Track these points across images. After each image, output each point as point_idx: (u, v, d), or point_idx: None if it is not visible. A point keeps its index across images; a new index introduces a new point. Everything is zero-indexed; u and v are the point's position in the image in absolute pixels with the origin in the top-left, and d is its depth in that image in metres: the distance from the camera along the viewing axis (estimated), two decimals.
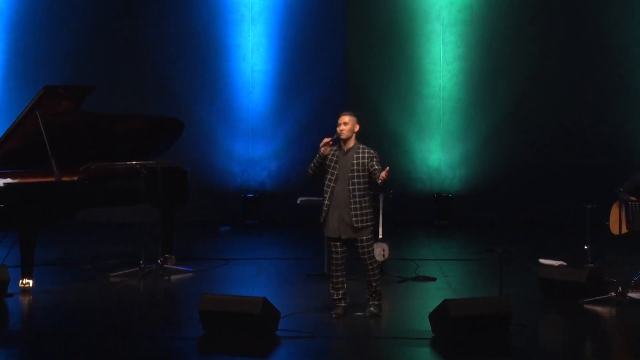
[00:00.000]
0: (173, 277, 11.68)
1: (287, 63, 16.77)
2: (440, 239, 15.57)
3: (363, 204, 9.35)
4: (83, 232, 14.75)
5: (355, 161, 9.37)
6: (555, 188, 16.39)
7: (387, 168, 9.22)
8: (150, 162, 12.04)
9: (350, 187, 9.33)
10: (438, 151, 16.64)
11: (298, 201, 11.91)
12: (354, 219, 9.32)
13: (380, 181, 9.22)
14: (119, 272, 11.77)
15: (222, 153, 16.78)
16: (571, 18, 16.51)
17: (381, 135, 16.04)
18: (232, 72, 16.77)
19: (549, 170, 16.49)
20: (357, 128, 9.45)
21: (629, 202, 10.31)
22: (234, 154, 16.80)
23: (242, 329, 8.84)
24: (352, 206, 9.31)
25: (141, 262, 11.76)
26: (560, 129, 16.53)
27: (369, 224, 9.42)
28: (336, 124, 9.45)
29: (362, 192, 9.34)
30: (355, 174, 9.34)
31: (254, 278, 11.85)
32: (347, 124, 9.38)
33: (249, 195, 16.80)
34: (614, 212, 10.83)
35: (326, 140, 9.34)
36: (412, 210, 16.34)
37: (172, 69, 16.58)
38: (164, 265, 11.89)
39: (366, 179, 9.35)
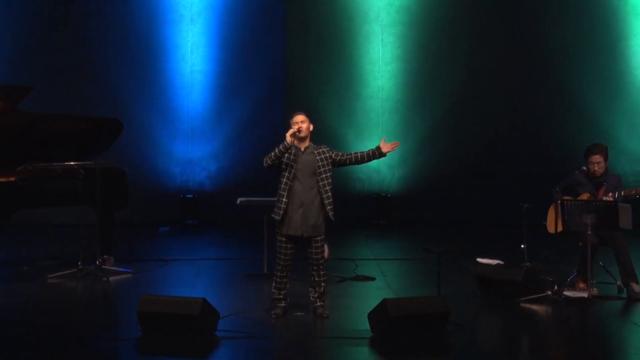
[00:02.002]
0: (111, 278, 11.61)
1: (226, 63, 16.76)
2: (379, 238, 15.64)
3: (332, 199, 9.43)
4: (20, 233, 14.60)
5: (319, 157, 9.44)
6: (493, 188, 16.55)
7: (397, 143, 9.67)
8: (88, 162, 11.96)
9: (321, 184, 9.39)
10: None
11: (237, 201, 11.90)
12: (330, 213, 9.41)
13: (385, 154, 9.59)
14: (56, 274, 11.68)
15: (161, 153, 16.72)
16: (508, 20, 16.69)
17: (320, 135, 15.95)
18: (171, 72, 16.71)
19: (486, 170, 16.65)
20: (312, 127, 9.51)
21: (565, 202, 10.43)
22: (173, 154, 16.75)
23: (181, 330, 8.81)
24: (327, 201, 9.40)
25: (79, 263, 11.68)
26: (497, 129, 16.69)
27: (324, 221, 9.52)
28: (291, 124, 9.42)
29: (331, 187, 9.44)
30: (322, 169, 9.41)
31: (193, 279, 11.82)
32: (304, 122, 9.44)
33: (188, 195, 16.76)
34: (551, 212, 10.96)
35: (293, 129, 9.34)
36: (351, 210, 16.40)
37: (111, 69, 16.49)
38: (102, 266, 11.83)
39: (330, 173, 9.42)
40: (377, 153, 9.59)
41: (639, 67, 16.69)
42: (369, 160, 9.64)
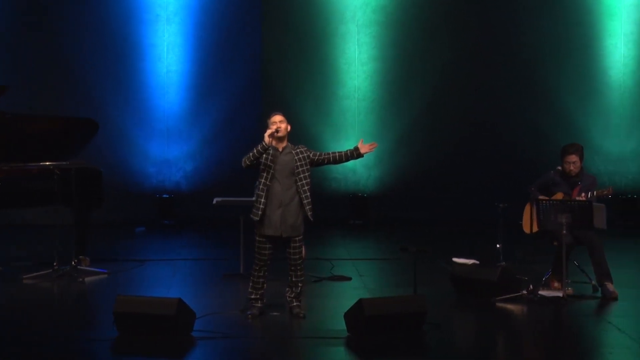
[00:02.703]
0: (87, 279, 11.57)
1: (203, 63, 16.74)
2: (356, 238, 15.66)
3: (310, 198, 9.46)
4: None
5: (297, 157, 9.46)
6: (469, 187, 16.61)
7: (376, 144, 9.75)
8: (64, 162, 11.92)
9: (299, 184, 9.41)
10: None
11: (214, 201, 11.89)
12: (309, 213, 9.44)
13: (362, 155, 9.64)
14: (32, 274, 11.63)
15: (137, 154, 16.68)
16: (483, 20, 16.75)
17: (296, 135, 15.93)
18: (147, 72, 16.68)
19: (462, 169, 16.70)
20: (289, 127, 9.52)
21: (540, 202, 10.48)
22: (149, 154, 16.72)
23: (157, 330, 8.80)
24: (305, 201, 9.43)
25: (55, 263, 11.64)
26: (472, 128, 16.75)
27: (302, 221, 9.56)
28: (269, 125, 9.43)
29: (309, 187, 9.45)
30: (300, 169, 9.43)
31: (169, 279, 11.80)
32: (282, 122, 9.46)
33: (164, 195, 16.73)
34: (526, 212, 11.00)
35: (271, 130, 9.35)
36: (328, 210, 16.40)
37: (87, 69, 16.44)
38: (78, 266, 11.78)
39: (309, 173, 9.43)
40: (355, 153, 9.63)
41: (613, 67, 16.78)
42: (347, 160, 9.68)
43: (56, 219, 11.89)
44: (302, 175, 9.44)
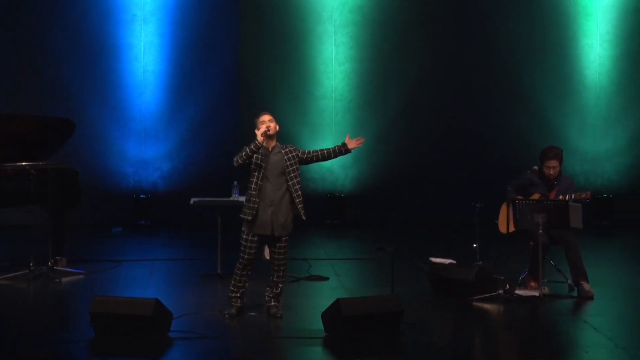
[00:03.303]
0: (64, 279, 11.54)
1: (180, 63, 16.70)
2: (333, 238, 15.67)
3: (302, 197, 9.50)
4: None
5: (286, 156, 9.48)
6: (446, 187, 16.64)
7: (363, 139, 9.82)
8: (40, 163, 11.88)
9: (290, 183, 9.43)
10: None
11: (191, 202, 11.88)
12: (302, 212, 9.49)
13: (350, 150, 9.68)
14: (8, 275, 11.59)
15: (114, 153, 16.63)
16: (459, 20, 16.79)
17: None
18: (124, 72, 16.63)
19: (439, 169, 16.74)
20: (277, 127, 9.53)
21: (516, 202, 10.51)
22: (126, 154, 16.67)
23: (134, 331, 8.78)
24: (297, 200, 9.48)
25: (31, 264, 11.59)
26: (449, 128, 16.78)
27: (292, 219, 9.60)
28: (258, 124, 9.43)
29: (300, 185, 9.51)
30: (291, 168, 9.46)
31: (146, 279, 11.78)
32: (271, 121, 9.47)
33: (141, 196, 16.69)
34: (503, 211, 11.04)
35: (264, 129, 9.35)
36: (305, 209, 16.37)
37: (63, 69, 16.37)
38: (55, 267, 11.74)
39: (300, 172, 9.49)
40: (343, 149, 9.69)
41: (589, 67, 16.85)
42: (335, 156, 9.74)
43: (32, 219, 11.85)
44: (292, 175, 9.48)
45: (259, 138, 9.33)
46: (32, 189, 11.58)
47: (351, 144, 9.70)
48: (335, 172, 16.91)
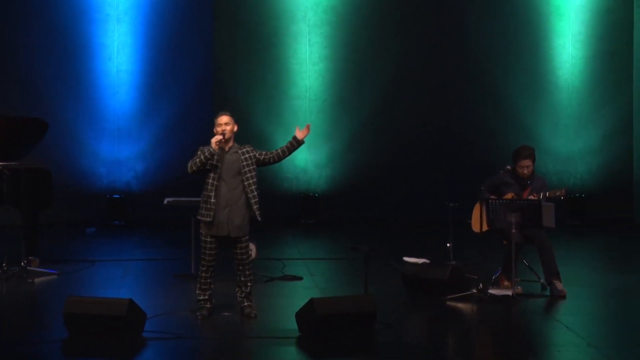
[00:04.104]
0: (37, 280, 11.49)
1: (153, 63, 16.67)
2: (307, 238, 15.67)
3: (258, 198, 9.45)
4: None
5: (243, 156, 9.44)
6: (419, 187, 16.68)
7: (309, 125, 9.77)
8: (13, 163, 11.83)
9: (246, 183, 9.40)
10: (304, 151, 16.74)
11: (165, 202, 11.86)
12: (257, 212, 9.42)
13: (301, 141, 9.61)
14: None
15: (87, 154, 16.58)
16: (434, 19, 16.83)
17: (248, 135, 15.95)
18: (97, 72, 16.58)
19: (413, 168, 16.77)
20: (236, 128, 9.50)
21: (489, 201, 10.54)
22: (100, 154, 16.62)
23: (108, 331, 8.76)
24: (253, 200, 9.41)
25: (4, 264, 11.55)
26: (423, 128, 16.83)
27: (248, 221, 9.56)
28: (215, 126, 9.43)
29: (256, 186, 9.47)
30: (247, 168, 9.42)
31: (120, 279, 11.75)
32: (228, 124, 9.44)
33: (115, 196, 16.64)
34: (476, 211, 11.07)
35: (219, 137, 9.32)
36: (279, 209, 16.41)
37: (36, 69, 16.31)
38: (27, 267, 11.70)
39: (256, 172, 9.45)
40: (295, 142, 9.62)
41: (561, 67, 16.93)
42: (290, 152, 9.65)
43: (5, 219, 11.80)
44: (248, 175, 9.43)
45: (214, 146, 9.29)
46: (4, 190, 11.53)
47: (300, 134, 9.65)
48: (309, 171, 16.92)
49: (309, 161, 16.87)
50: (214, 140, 9.30)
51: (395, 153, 16.84)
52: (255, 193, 9.47)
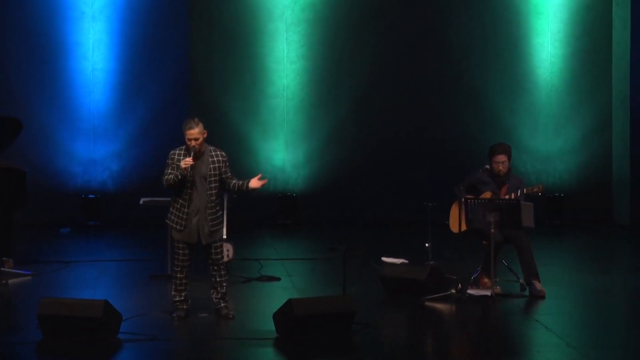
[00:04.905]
0: (10, 281, 11.40)
1: (129, 61, 16.55)
2: (284, 238, 15.63)
3: (218, 207, 9.45)
4: None
5: (212, 165, 9.37)
6: (397, 186, 16.63)
7: (265, 180, 9.50)
8: None
9: (209, 192, 9.32)
10: (282, 150, 16.68)
11: (141, 202, 11.79)
12: (210, 223, 9.33)
13: (251, 189, 9.43)
14: None
15: (62, 153, 16.46)
16: (412, 19, 16.79)
17: (225, 134, 15.96)
18: (72, 71, 16.45)
19: (391, 169, 16.73)
20: (205, 135, 9.41)
21: (468, 201, 10.50)
22: (75, 154, 16.50)
23: (83, 333, 8.70)
24: (209, 211, 9.32)
25: None
26: (401, 128, 16.78)
27: (221, 225, 9.51)
28: (186, 136, 9.35)
29: (216, 197, 9.43)
30: (212, 178, 9.37)
31: (95, 280, 11.67)
32: (197, 138, 9.32)
33: (90, 196, 16.51)
34: (454, 211, 11.04)
35: (189, 162, 9.20)
36: (256, 209, 16.33)
37: (10, 67, 16.18)
38: (1, 268, 11.60)
39: (218, 183, 9.37)
40: (245, 187, 9.50)
41: (540, 66, 16.91)
42: (237, 191, 9.57)
43: None
44: (212, 185, 9.37)
45: (184, 168, 9.19)
46: None
47: (253, 183, 9.51)
48: (287, 171, 16.84)
49: (286, 161, 16.80)
50: (183, 164, 9.21)
51: (373, 152, 16.78)
52: (215, 203, 9.38)
